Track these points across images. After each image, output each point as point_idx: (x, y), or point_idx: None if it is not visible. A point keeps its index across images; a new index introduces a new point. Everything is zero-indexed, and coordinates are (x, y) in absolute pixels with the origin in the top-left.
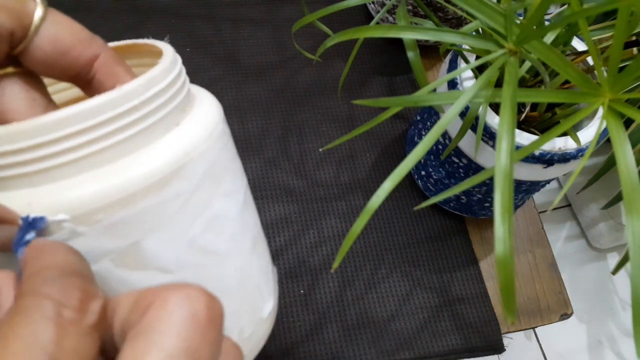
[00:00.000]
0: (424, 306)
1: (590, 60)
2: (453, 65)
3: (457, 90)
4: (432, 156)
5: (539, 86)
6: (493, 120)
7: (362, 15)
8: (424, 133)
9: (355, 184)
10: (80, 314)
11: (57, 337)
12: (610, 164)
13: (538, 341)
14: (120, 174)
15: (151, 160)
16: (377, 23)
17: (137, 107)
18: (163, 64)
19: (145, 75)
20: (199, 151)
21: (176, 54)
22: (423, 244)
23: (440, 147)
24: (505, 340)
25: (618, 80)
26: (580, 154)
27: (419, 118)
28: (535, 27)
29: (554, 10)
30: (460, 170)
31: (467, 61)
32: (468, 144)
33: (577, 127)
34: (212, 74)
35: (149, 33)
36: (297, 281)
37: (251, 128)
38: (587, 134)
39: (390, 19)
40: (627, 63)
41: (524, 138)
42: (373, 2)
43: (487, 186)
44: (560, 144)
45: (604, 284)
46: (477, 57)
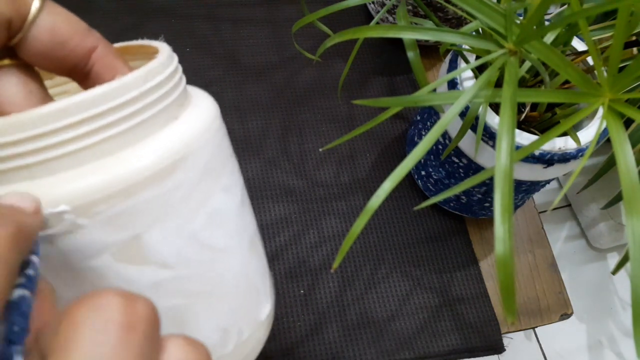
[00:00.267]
0: (424, 306)
1: (590, 60)
2: (453, 65)
3: (457, 90)
4: (432, 156)
5: (539, 86)
6: (493, 120)
7: (362, 15)
8: (424, 133)
9: (355, 184)
10: None
11: None
12: (610, 164)
13: (538, 341)
14: (121, 165)
15: (152, 151)
16: (377, 23)
17: (136, 99)
18: (160, 58)
19: (144, 67)
20: (199, 143)
21: (172, 51)
22: (423, 244)
23: (440, 147)
24: (505, 340)
25: (618, 80)
26: (580, 154)
27: (419, 118)
28: (535, 27)
29: (554, 10)
30: (460, 170)
31: (467, 61)
32: (468, 144)
33: (577, 127)
34: (212, 74)
35: (148, 33)
36: (297, 281)
37: (251, 128)
38: (587, 134)
39: (390, 19)
40: (627, 63)
41: (524, 138)
42: (373, 2)
43: (487, 186)
44: (560, 144)
45: (604, 284)
46: (477, 57)
